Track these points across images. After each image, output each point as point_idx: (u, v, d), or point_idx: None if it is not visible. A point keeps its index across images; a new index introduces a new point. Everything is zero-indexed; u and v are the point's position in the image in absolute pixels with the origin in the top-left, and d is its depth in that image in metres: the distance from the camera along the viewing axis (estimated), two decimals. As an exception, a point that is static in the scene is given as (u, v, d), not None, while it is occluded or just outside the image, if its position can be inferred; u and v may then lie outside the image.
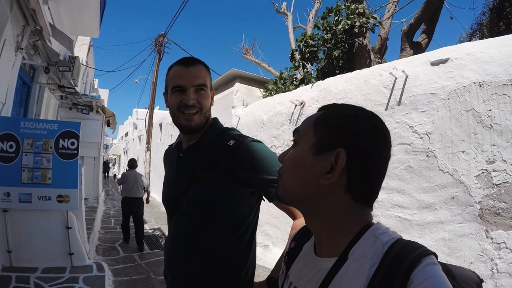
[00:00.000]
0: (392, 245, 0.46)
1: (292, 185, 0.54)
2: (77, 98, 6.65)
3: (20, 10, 3.21)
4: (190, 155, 1.00)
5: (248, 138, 0.96)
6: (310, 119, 0.56)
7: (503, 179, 2.36)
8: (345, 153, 0.48)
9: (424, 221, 2.78)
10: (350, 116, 0.52)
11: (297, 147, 0.55)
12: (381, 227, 0.51)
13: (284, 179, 0.56)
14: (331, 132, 0.51)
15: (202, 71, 0.97)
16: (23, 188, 3.08)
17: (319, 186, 0.50)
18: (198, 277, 0.91)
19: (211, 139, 0.98)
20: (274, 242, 4.64)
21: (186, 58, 1.00)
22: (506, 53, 2.45)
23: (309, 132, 0.53)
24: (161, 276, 3.67)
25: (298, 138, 0.56)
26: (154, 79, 12.65)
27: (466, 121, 2.60)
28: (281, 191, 0.57)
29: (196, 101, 0.94)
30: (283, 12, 9.32)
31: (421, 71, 2.95)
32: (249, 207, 0.95)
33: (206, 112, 0.98)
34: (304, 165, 0.52)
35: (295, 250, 0.65)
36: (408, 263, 0.42)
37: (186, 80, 0.94)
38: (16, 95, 3.68)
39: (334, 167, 0.49)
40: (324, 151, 0.50)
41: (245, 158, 0.90)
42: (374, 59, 5.28)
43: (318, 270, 0.53)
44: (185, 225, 0.94)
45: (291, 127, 4.57)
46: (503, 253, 2.30)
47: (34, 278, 2.93)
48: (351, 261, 0.48)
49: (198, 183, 0.92)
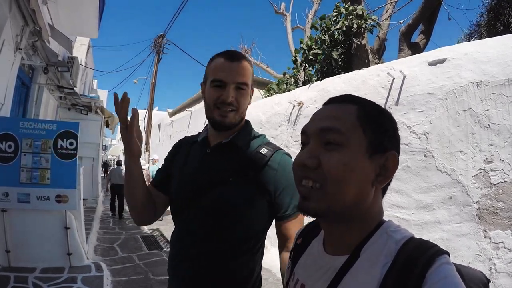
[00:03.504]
0: (405, 243, 0.45)
1: (347, 196, 0.47)
2: (76, 99, 6.65)
3: (19, 10, 3.21)
4: (219, 154, 0.94)
5: (280, 149, 0.94)
6: (347, 115, 0.49)
7: (501, 178, 2.36)
8: (398, 156, 0.48)
9: (422, 221, 2.79)
10: (386, 113, 0.52)
11: (345, 151, 0.47)
12: (392, 224, 0.50)
13: (333, 190, 0.46)
14: (381, 133, 0.49)
15: (246, 68, 0.91)
16: (21, 188, 3.08)
17: (370, 190, 0.48)
18: (204, 280, 0.89)
19: (245, 141, 0.94)
20: (273, 242, 4.63)
21: (232, 51, 0.94)
22: (503, 53, 2.46)
23: (357, 132, 0.48)
24: (159, 276, 3.66)
25: (341, 138, 0.47)
26: (153, 80, 12.65)
27: (464, 121, 2.61)
28: (324, 206, 0.47)
29: (234, 100, 0.89)
30: (281, 13, 9.34)
31: (419, 71, 2.96)
32: (267, 218, 0.93)
33: (243, 112, 0.93)
34: (361, 171, 0.47)
35: (302, 246, 0.62)
36: (423, 263, 0.41)
37: (228, 76, 0.88)
38: (15, 96, 3.67)
39: (384, 170, 0.48)
40: (376, 153, 0.48)
41: (274, 171, 0.88)
42: (372, 60, 5.30)
43: (328, 268, 0.51)
44: (202, 225, 0.90)
45: (289, 128, 4.58)
46: (501, 253, 2.31)
47: (33, 278, 2.93)
48: (363, 259, 0.47)
49: (224, 186, 0.88)
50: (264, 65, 9.86)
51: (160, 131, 12.11)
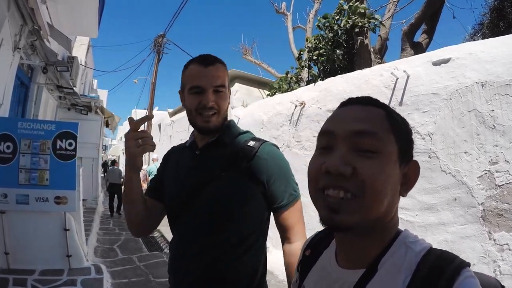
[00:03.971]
0: (425, 255, 0.43)
1: (381, 206, 0.43)
2: (76, 99, 6.62)
3: (18, 9, 3.17)
4: (208, 153, 0.95)
5: (267, 141, 0.95)
6: (379, 119, 0.46)
7: (506, 180, 2.33)
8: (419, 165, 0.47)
9: (426, 222, 2.76)
10: (406, 121, 0.51)
11: (380, 157, 0.43)
12: (409, 234, 0.48)
13: (370, 200, 0.42)
14: (408, 141, 0.48)
15: (221, 70, 0.93)
16: (20, 189, 3.05)
17: (397, 200, 0.47)
18: (206, 282, 0.88)
19: (231, 137, 0.96)
20: (274, 244, 4.61)
21: (205, 56, 0.95)
22: (508, 53, 2.43)
23: (390, 139, 0.45)
24: (160, 278, 3.63)
25: (378, 144, 0.44)
26: (153, 80, 12.62)
27: (469, 122, 2.58)
28: (359, 218, 0.43)
29: (215, 103, 0.91)
30: (282, 12, 9.30)
31: (423, 71, 2.93)
32: (265, 210, 0.92)
33: (224, 113, 0.95)
34: (394, 179, 0.44)
35: (311, 258, 0.58)
36: (448, 276, 0.39)
37: (205, 81, 0.90)
38: (14, 95, 3.64)
39: (406, 179, 0.47)
40: (403, 161, 0.47)
41: (265, 160, 0.89)
42: (374, 60, 5.27)
43: (343, 283, 0.47)
44: (198, 227, 0.90)
45: (291, 128, 4.54)
46: (506, 255, 2.28)
47: (32, 280, 2.90)
48: (382, 274, 0.44)
49: (216, 182, 0.89)
50: (265, 64, 9.82)
51: (160, 131, 12.08)
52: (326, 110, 3.95)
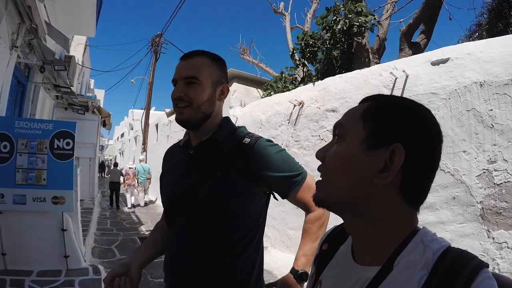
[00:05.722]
0: (443, 254, 0.42)
1: (340, 187, 0.47)
2: (73, 98, 6.58)
3: (16, 8, 3.15)
4: (202, 152, 0.94)
5: (262, 137, 0.95)
6: (356, 111, 0.50)
7: (504, 178, 2.35)
8: (403, 149, 0.43)
9: (425, 221, 2.77)
10: (404, 107, 0.48)
11: (343, 143, 0.48)
12: (428, 232, 0.47)
13: (329, 180, 0.49)
14: (384, 125, 0.46)
15: (198, 63, 0.91)
16: (17, 189, 3.01)
17: (371, 186, 0.45)
18: (205, 283, 0.87)
19: (225, 136, 0.94)
20: (273, 243, 4.61)
21: (188, 52, 0.96)
22: (506, 53, 2.45)
23: (357, 125, 0.48)
24: (158, 278, 3.61)
25: (343, 132, 0.49)
26: (151, 79, 12.58)
27: (467, 121, 2.59)
28: (324, 195, 0.49)
29: (184, 95, 0.88)
30: (280, 12, 9.31)
31: (422, 71, 2.94)
32: (261, 208, 0.92)
33: (200, 106, 0.89)
34: (354, 163, 0.46)
35: (328, 253, 0.59)
36: (466, 276, 0.39)
37: (177, 74, 0.92)
38: (10, 94, 3.61)
39: (389, 165, 0.44)
40: (377, 146, 0.45)
41: (262, 156, 0.88)
42: (372, 60, 5.28)
43: (358, 280, 0.47)
44: (194, 227, 0.89)
45: (289, 128, 4.55)
46: (505, 253, 2.30)
47: (29, 281, 2.86)
48: (397, 272, 0.43)
49: (211, 181, 0.87)
50: (263, 64, 9.83)
51: (158, 131, 12.02)
52: (325, 109, 3.96)
